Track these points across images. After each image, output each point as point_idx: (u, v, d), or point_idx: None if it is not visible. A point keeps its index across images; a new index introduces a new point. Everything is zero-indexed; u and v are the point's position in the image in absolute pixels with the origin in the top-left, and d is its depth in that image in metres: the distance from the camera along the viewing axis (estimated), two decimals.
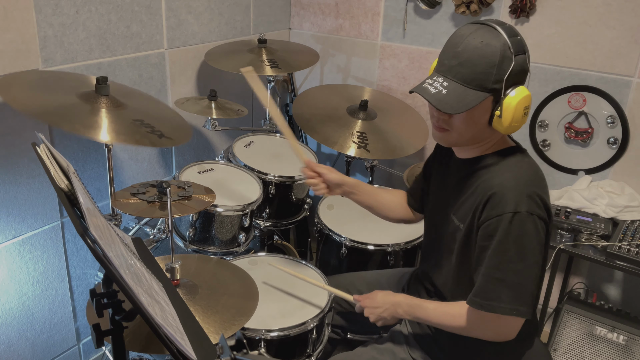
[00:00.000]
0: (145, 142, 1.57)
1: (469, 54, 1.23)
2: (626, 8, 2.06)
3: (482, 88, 1.24)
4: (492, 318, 1.31)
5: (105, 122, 1.54)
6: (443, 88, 1.25)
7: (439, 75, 1.28)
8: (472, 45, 1.23)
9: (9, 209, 1.78)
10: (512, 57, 1.22)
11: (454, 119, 1.30)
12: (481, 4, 2.32)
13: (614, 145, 2.18)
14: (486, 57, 1.22)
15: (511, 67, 1.22)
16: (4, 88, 1.47)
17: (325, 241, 2.07)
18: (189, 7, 2.26)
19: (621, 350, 1.98)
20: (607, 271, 2.30)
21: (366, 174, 2.60)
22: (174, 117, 1.86)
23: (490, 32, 1.24)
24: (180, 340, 0.89)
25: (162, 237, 1.98)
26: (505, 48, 1.22)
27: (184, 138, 1.70)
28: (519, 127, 1.29)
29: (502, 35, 1.23)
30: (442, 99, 1.25)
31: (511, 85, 1.25)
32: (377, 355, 1.53)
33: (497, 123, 1.28)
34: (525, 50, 1.26)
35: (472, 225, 1.34)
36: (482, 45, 1.22)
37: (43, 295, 1.95)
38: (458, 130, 1.32)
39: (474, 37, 1.23)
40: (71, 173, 0.99)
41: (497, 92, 1.24)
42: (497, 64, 1.22)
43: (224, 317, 1.36)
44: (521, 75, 1.26)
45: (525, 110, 1.26)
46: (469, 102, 1.24)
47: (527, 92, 1.26)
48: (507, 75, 1.23)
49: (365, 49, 2.73)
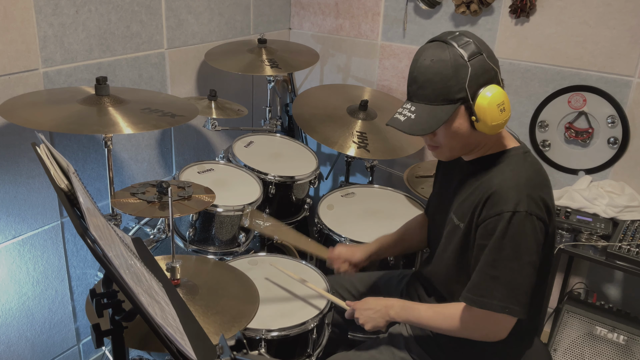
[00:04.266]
0: (163, 125, 1.62)
1: (424, 76, 1.28)
2: (626, 8, 2.06)
3: (448, 101, 1.27)
4: (483, 316, 1.31)
5: (117, 117, 1.57)
6: (411, 113, 1.31)
7: (407, 102, 1.34)
8: (424, 66, 1.28)
9: (9, 209, 1.78)
10: (467, 63, 1.24)
11: (438, 136, 1.34)
12: (481, 4, 2.32)
13: (614, 145, 2.18)
14: (440, 73, 1.25)
15: (469, 73, 1.24)
16: (9, 112, 1.52)
17: (325, 241, 2.06)
18: (189, 7, 2.26)
19: (621, 350, 1.98)
20: (607, 271, 2.30)
21: (366, 174, 2.60)
22: (175, 100, 1.90)
23: (439, 47, 1.27)
24: (180, 340, 0.89)
25: (162, 237, 1.98)
26: (457, 57, 1.24)
27: (193, 113, 1.74)
28: (503, 125, 1.29)
29: (451, 45, 1.25)
30: (412, 123, 1.29)
31: (478, 88, 1.26)
32: (376, 354, 1.53)
33: (479, 127, 1.29)
34: (482, 50, 1.26)
35: (471, 224, 1.34)
36: (433, 63, 1.26)
37: (43, 295, 1.95)
38: (446, 144, 1.35)
39: (424, 58, 1.28)
40: (71, 173, 0.99)
41: (465, 99, 1.26)
42: (453, 76, 1.25)
43: (224, 319, 1.35)
44: (485, 75, 1.27)
45: (500, 107, 1.26)
46: (440, 118, 1.27)
47: (497, 90, 1.26)
48: (467, 82, 1.25)
49: (365, 49, 2.73)
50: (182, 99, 1.96)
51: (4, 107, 1.54)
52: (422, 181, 2.32)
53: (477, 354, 1.45)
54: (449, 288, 1.46)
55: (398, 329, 1.60)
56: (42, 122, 1.49)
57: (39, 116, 1.52)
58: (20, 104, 1.59)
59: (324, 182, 3.03)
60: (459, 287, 1.37)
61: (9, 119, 1.48)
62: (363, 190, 2.34)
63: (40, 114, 1.53)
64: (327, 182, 3.07)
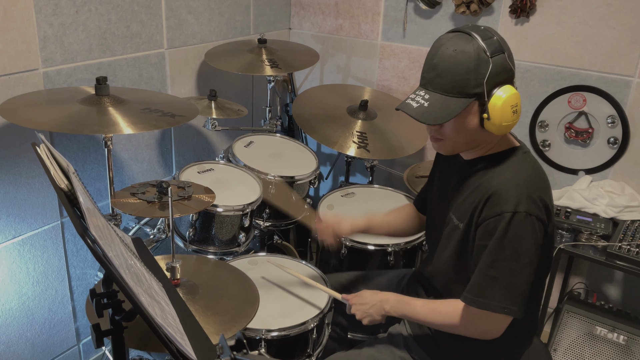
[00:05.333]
0: (163, 125, 1.62)
1: (444, 64, 1.25)
2: (626, 8, 2.06)
3: (463, 94, 1.25)
4: (481, 315, 1.31)
5: (118, 117, 1.57)
6: (425, 101, 1.28)
7: (421, 89, 1.31)
8: (446, 55, 1.25)
9: (9, 209, 1.78)
10: (489, 60, 1.23)
11: (445, 128, 1.32)
12: (481, 4, 2.32)
13: (614, 145, 2.18)
14: (461, 64, 1.23)
15: (489, 70, 1.23)
16: (9, 112, 1.52)
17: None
18: (189, 7, 2.26)
19: (621, 350, 1.98)
20: (607, 271, 2.30)
21: (366, 174, 2.60)
22: (174, 100, 1.90)
23: (463, 38, 1.25)
24: (180, 340, 0.89)
25: (162, 237, 1.98)
26: (480, 52, 1.23)
27: (193, 113, 1.74)
28: (511, 126, 1.29)
29: (476, 39, 1.24)
30: (424, 111, 1.27)
31: (494, 86, 1.25)
32: (376, 354, 1.53)
33: (487, 125, 1.28)
34: (504, 49, 1.26)
35: (470, 224, 1.34)
36: (456, 54, 1.24)
37: (43, 295, 1.95)
38: (451, 138, 1.34)
39: (447, 47, 1.26)
40: (71, 173, 0.99)
41: (481, 95, 1.25)
42: (474, 69, 1.23)
43: (224, 319, 1.35)
44: (503, 74, 1.26)
45: (513, 108, 1.26)
46: (453, 110, 1.26)
47: (513, 91, 1.26)
48: (486, 78, 1.23)
49: (365, 49, 2.73)
50: (182, 99, 1.96)
51: (4, 107, 1.54)
52: (422, 181, 2.32)
53: (477, 354, 1.45)
54: (449, 288, 1.46)
55: (398, 328, 1.60)
56: (42, 122, 1.49)
57: (39, 116, 1.52)
58: (20, 103, 1.59)
59: (324, 182, 3.03)
60: (459, 287, 1.37)
61: (9, 119, 1.48)
62: (363, 190, 2.34)
63: (40, 113, 1.53)
64: (327, 182, 3.07)
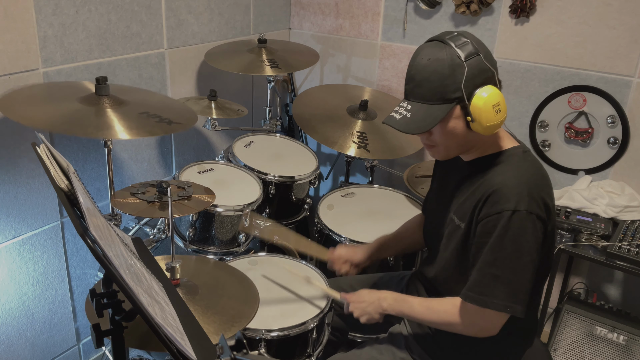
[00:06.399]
0: (158, 132, 1.60)
1: (421, 74, 1.29)
2: (626, 8, 2.06)
3: (444, 100, 1.27)
4: (479, 313, 1.31)
5: (114, 120, 1.56)
6: (407, 112, 1.32)
7: (404, 101, 1.35)
8: (421, 65, 1.28)
9: (9, 209, 1.78)
10: (463, 63, 1.25)
11: (434, 135, 1.35)
12: (481, 4, 2.32)
13: (614, 145, 2.18)
14: (436, 72, 1.26)
15: (465, 73, 1.25)
16: (6, 107, 1.50)
17: (325, 241, 2.06)
18: (189, 7, 2.26)
19: (621, 350, 1.98)
20: (607, 271, 2.30)
21: (366, 174, 2.60)
22: (175, 104, 1.89)
23: (437, 46, 1.28)
24: (180, 340, 0.89)
25: (162, 237, 1.98)
26: (453, 57, 1.25)
27: (191, 121, 1.72)
28: (498, 126, 1.30)
29: (449, 45, 1.26)
30: (407, 122, 1.30)
31: (474, 88, 1.26)
32: (377, 355, 1.53)
33: (474, 127, 1.29)
34: (479, 51, 1.27)
35: (471, 223, 1.34)
36: (430, 62, 1.27)
37: (43, 295, 1.95)
38: (442, 144, 1.36)
39: (422, 57, 1.29)
40: (71, 173, 0.99)
41: (461, 99, 1.27)
42: (449, 75, 1.25)
43: (224, 319, 1.35)
44: (482, 75, 1.27)
45: (495, 108, 1.27)
46: (435, 117, 1.28)
47: (492, 90, 1.26)
48: (463, 82, 1.25)
49: (365, 49, 2.73)
50: (182, 104, 1.94)
51: (2, 102, 1.53)
52: (422, 181, 2.32)
53: (477, 354, 1.45)
54: (450, 288, 1.46)
55: (398, 328, 1.60)
56: (39, 120, 1.47)
57: (37, 114, 1.50)
58: (19, 98, 1.57)
59: (324, 182, 3.03)
60: (460, 287, 1.37)
61: (5, 113, 1.47)
62: (363, 190, 2.34)
63: (38, 111, 1.52)
64: (327, 182, 3.07)
